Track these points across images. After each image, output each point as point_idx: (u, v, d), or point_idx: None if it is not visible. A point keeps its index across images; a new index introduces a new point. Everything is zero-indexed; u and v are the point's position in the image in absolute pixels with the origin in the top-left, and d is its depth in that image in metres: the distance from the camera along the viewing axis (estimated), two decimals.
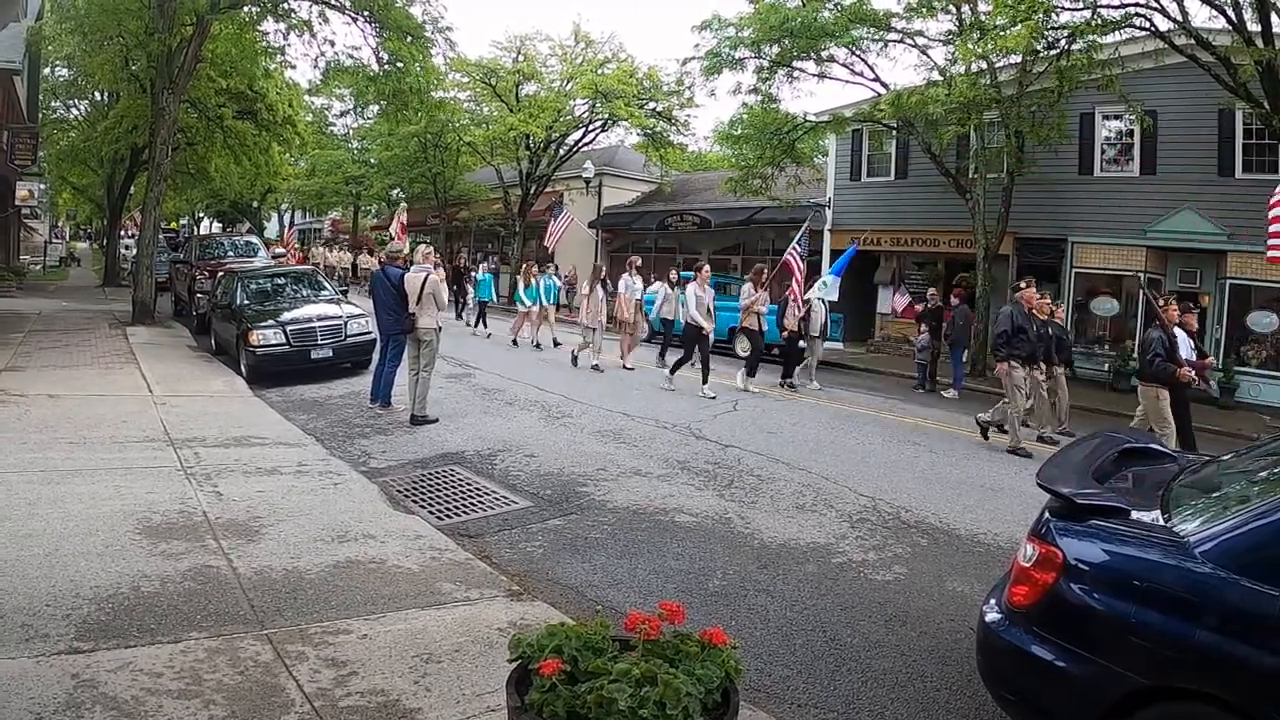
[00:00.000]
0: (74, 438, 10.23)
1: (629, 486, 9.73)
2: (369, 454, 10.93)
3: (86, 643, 5.15)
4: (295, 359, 15.87)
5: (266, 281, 18.95)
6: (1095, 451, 5.44)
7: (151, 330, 21.28)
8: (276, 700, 4.66)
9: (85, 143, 34.21)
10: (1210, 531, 4.07)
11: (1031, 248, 24.47)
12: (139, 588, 6.00)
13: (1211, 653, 3.84)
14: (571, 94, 37.19)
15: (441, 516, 8.51)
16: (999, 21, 18.36)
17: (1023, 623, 4.45)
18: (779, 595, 6.87)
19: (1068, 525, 4.41)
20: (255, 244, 28.66)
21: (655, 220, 36.70)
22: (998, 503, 9.77)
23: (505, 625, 5.76)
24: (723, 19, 25.07)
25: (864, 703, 5.35)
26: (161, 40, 21.72)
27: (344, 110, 50.69)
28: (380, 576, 6.58)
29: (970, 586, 7.12)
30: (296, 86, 36.01)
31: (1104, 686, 4.08)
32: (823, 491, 9.84)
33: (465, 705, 4.72)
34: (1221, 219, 20.57)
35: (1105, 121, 22.97)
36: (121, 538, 6.92)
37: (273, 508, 8.07)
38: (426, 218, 47.80)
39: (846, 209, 29.35)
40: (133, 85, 29.45)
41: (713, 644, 3.55)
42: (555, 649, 3.42)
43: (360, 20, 23.70)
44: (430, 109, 28.45)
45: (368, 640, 5.48)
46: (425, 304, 12.68)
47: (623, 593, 6.79)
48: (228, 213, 62.87)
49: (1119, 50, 19.58)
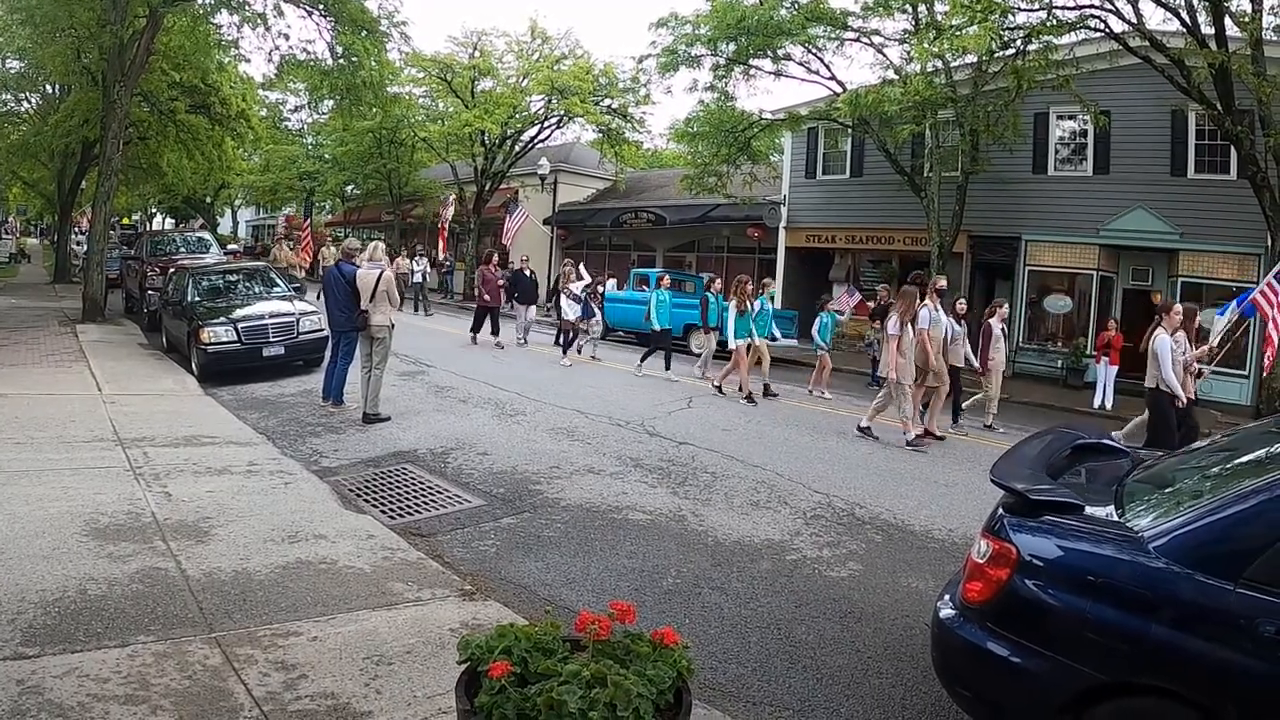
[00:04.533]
0: (20, 438, 10.04)
1: (582, 484, 9.69)
2: (320, 453, 10.81)
3: (32, 648, 5.04)
4: (247, 357, 15.67)
5: (218, 278, 18.72)
6: (1049, 447, 5.47)
7: (102, 328, 20.99)
8: (225, 705, 4.58)
9: (36, 137, 33.67)
10: (1164, 527, 4.11)
11: (985, 245, 24.74)
12: (86, 591, 5.88)
13: (1166, 647, 3.87)
14: (527, 90, 37.12)
15: (393, 516, 8.42)
16: (955, 22, 18.51)
17: (977, 619, 4.46)
18: (733, 593, 6.86)
19: (1022, 521, 4.42)
20: (208, 240, 28.31)
21: (610, 217, 36.80)
22: (952, 499, 9.83)
23: (457, 625, 5.71)
24: (680, 16, 25.22)
25: (819, 700, 5.34)
26: (114, 32, 21.44)
27: (298, 105, 50.22)
28: (331, 577, 6.50)
29: (925, 582, 7.15)
30: (250, 81, 35.78)
31: (1060, 682, 4.09)
32: (777, 488, 9.84)
33: (417, 707, 4.66)
34: (1173, 218, 20.90)
35: (1059, 121, 23.26)
36: (69, 540, 6.78)
37: (222, 508, 7.95)
38: (381, 214, 47.57)
39: (802, 207, 29.52)
40: (84, 78, 29.04)
41: (664, 644, 3.51)
42: (505, 650, 3.38)
43: (315, 14, 23.55)
44: (385, 104, 28.38)
45: (318, 642, 5.40)
46: (379, 301, 12.58)
47: (576, 591, 6.74)
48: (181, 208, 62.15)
49: (1074, 51, 19.82)
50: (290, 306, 16.94)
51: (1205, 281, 21.02)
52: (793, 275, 29.90)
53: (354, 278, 12.80)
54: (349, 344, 13.19)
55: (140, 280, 24.71)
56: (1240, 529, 3.92)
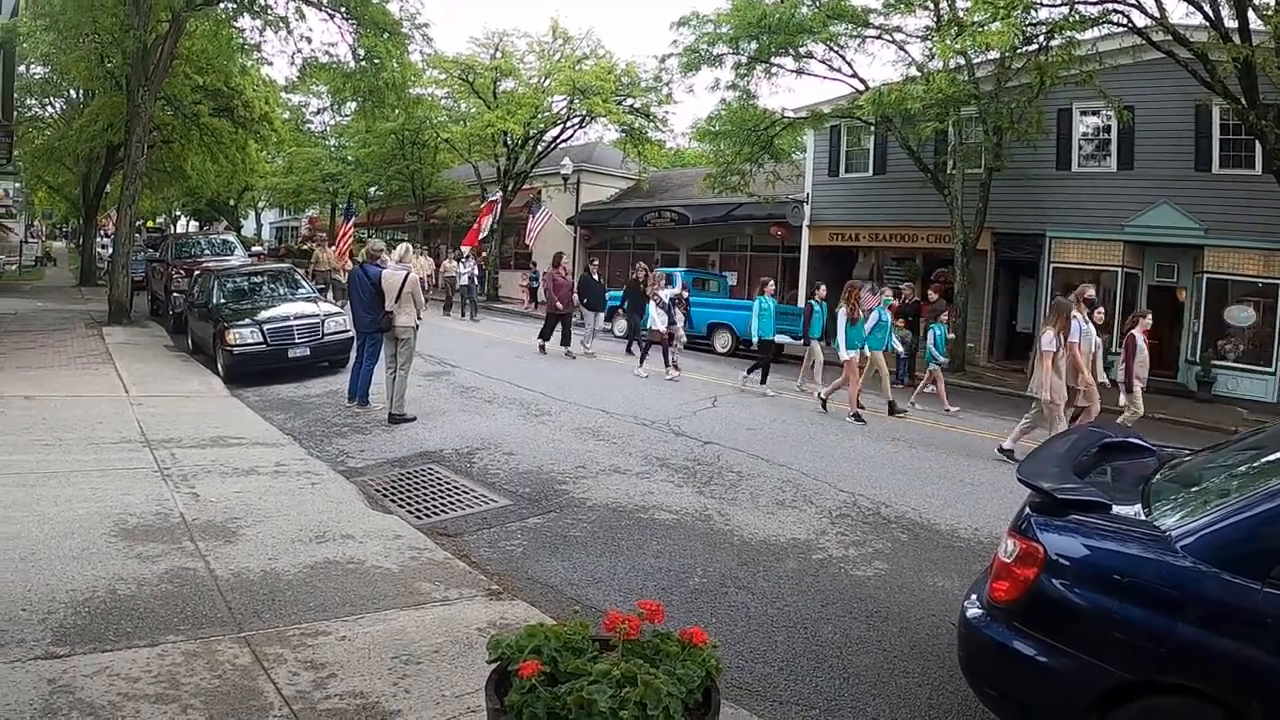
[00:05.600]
0: (49, 440, 10.13)
1: (608, 484, 9.69)
2: (347, 453, 10.87)
3: (63, 647, 5.08)
4: (272, 358, 15.76)
5: (243, 280, 18.84)
6: (1076, 446, 5.45)
7: (128, 330, 21.13)
8: (255, 704, 4.61)
9: (61, 141, 33.87)
10: (1191, 526, 4.08)
11: (1009, 243, 24.62)
12: (116, 591, 5.93)
13: (1193, 646, 3.85)
14: (549, 90, 37.09)
15: (420, 516, 8.46)
16: (978, 18, 18.42)
17: (1004, 618, 4.45)
18: (759, 592, 6.86)
19: (1049, 520, 4.40)
20: (232, 242, 28.50)
21: (633, 217, 36.77)
22: (978, 498, 9.80)
23: (485, 625, 5.73)
24: (701, 15, 25.18)
25: (846, 699, 5.34)
26: (137, 37, 21.57)
27: (321, 107, 50.40)
28: (359, 577, 6.53)
29: (951, 582, 7.13)
30: (273, 83, 35.83)
31: (1086, 681, 4.08)
32: (802, 487, 9.83)
33: (445, 706, 4.69)
34: (1198, 214, 20.73)
35: (1083, 117, 23.11)
36: (98, 540, 6.84)
37: (250, 509, 8.01)
38: (404, 215, 47.71)
39: (825, 205, 29.42)
40: (108, 83, 29.22)
41: (693, 643, 3.52)
42: (534, 650, 3.39)
43: (337, 16, 23.62)
44: (408, 106, 28.44)
45: (346, 642, 5.43)
46: (404, 303, 12.62)
47: (603, 591, 6.76)
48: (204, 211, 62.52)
49: (1097, 46, 19.72)
50: (315, 308, 17.04)
51: (1231, 278, 20.86)
52: (816, 274, 29.77)
53: (379, 279, 12.85)
54: (374, 345, 13.24)
55: (165, 282, 24.88)
56: (1267, 528, 3.90)
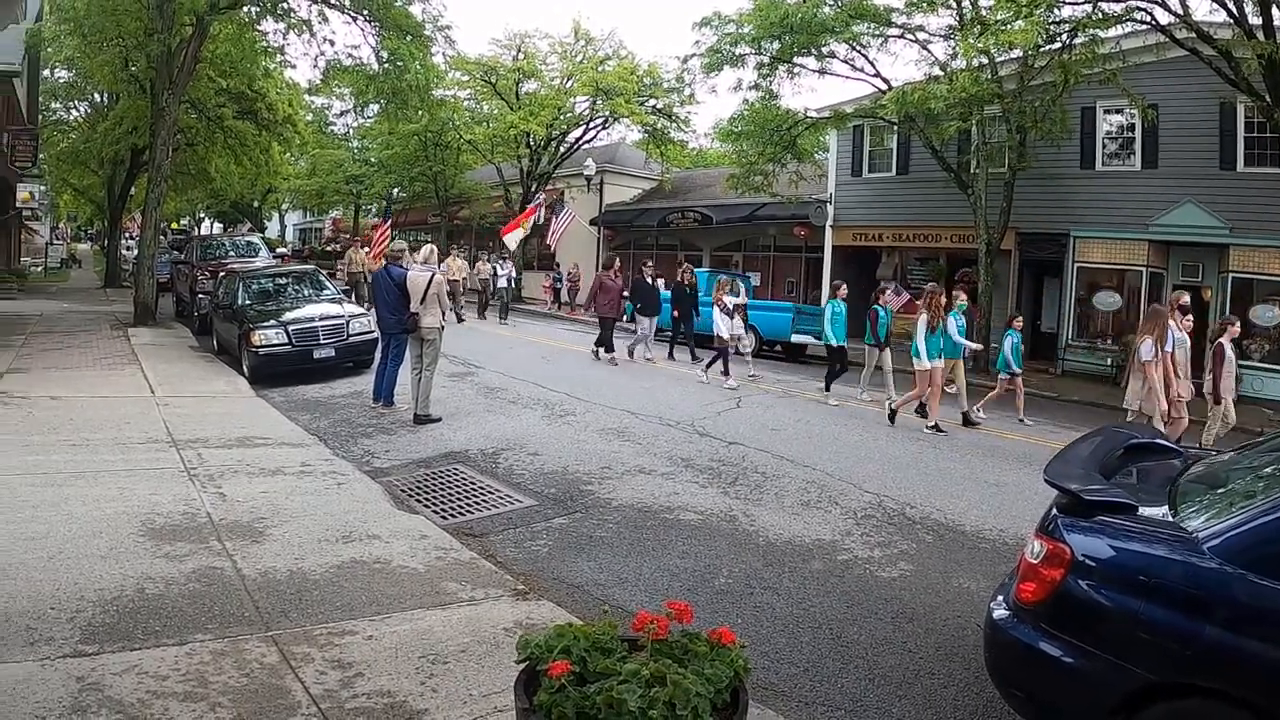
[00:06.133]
0: (77, 440, 10.21)
1: (633, 484, 9.71)
2: (372, 454, 10.92)
3: (91, 645, 5.12)
4: (297, 359, 15.86)
5: (268, 281, 18.97)
6: (1101, 447, 5.43)
7: (153, 331, 21.27)
8: (283, 702, 4.64)
9: (85, 144, 34.25)
10: (1218, 527, 4.06)
11: (1033, 242, 24.50)
12: (143, 590, 5.98)
13: (1219, 648, 3.83)
14: (572, 91, 37.22)
15: (446, 516, 8.49)
16: (1000, 16, 18.37)
17: (1030, 619, 4.44)
18: (785, 593, 6.86)
19: (1075, 521, 4.39)
20: (256, 244, 28.67)
21: (656, 217, 36.74)
22: (1003, 498, 9.76)
23: (511, 625, 5.75)
24: (723, 16, 25.17)
25: (871, 701, 5.34)
26: (161, 41, 21.74)
27: (344, 109, 50.75)
28: (385, 577, 6.56)
29: (977, 583, 7.11)
30: (296, 86, 36.09)
31: (1112, 683, 4.07)
32: (827, 488, 9.82)
33: (472, 706, 4.70)
34: (1223, 213, 20.59)
35: (1107, 115, 22.99)
36: (125, 540, 6.90)
37: (276, 508, 8.05)
38: (427, 216, 47.86)
39: (848, 205, 29.37)
40: (132, 86, 29.52)
41: (721, 643, 3.53)
42: (564, 650, 3.40)
43: (359, 19, 23.71)
44: (431, 107, 28.48)
45: (374, 641, 5.46)
46: (429, 304, 12.67)
47: (629, 591, 6.77)
48: (229, 213, 62.90)
49: (1120, 44, 19.61)
50: (340, 309, 17.13)
51: (1256, 277, 20.69)
52: (839, 274, 29.72)
53: (402, 280, 12.91)
54: (399, 346, 13.29)
55: (190, 284, 25.04)
56: None
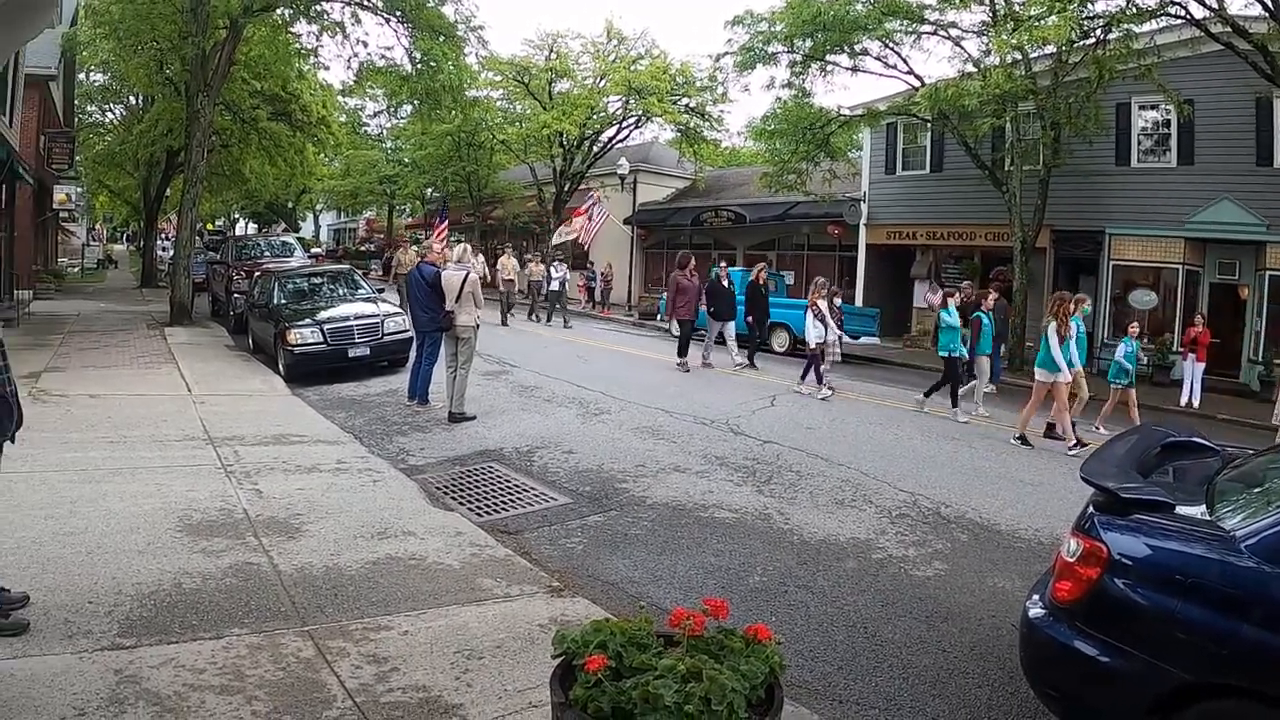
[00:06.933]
0: (114, 437, 10.34)
1: (668, 482, 9.71)
2: (407, 451, 10.99)
3: (129, 639, 5.19)
4: (333, 357, 15.97)
5: (303, 281, 19.13)
6: (1138, 445, 5.39)
7: (189, 330, 21.47)
8: (318, 696, 4.68)
9: (121, 146, 34.60)
10: (1255, 526, 4.02)
11: (1068, 240, 24.33)
12: (181, 584, 6.05)
13: (1257, 648, 3.79)
14: (604, 91, 37.29)
15: (481, 513, 8.53)
16: (1034, 12, 18.26)
17: (1066, 619, 4.41)
18: (819, 591, 6.84)
19: (1112, 520, 4.36)
20: (291, 244, 28.90)
21: (690, 216, 36.78)
22: (1038, 497, 9.69)
23: (546, 621, 5.77)
24: (755, 14, 25.07)
25: (905, 700, 5.32)
26: (195, 44, 21.94)
27: (377, 110, 51.16)
28: (420, 573, 6.61)
29: (1012, 582, 7.07)
30: (330, 87, 36.28)
31: (1148, 683, 4.04)
32: (862, 487, 9.78)
33: (507, 701, 4.73)
34: (1261, 209, 20.34)
35: (1142, 112, 22.77)
36: (163, 535, 6.98)
37: (312, 505, 8.12)
38: (461, 216, 48.09)
39: (882, 203, 29.27)
40: (167, 89, 29.81)
41: (757, 640, 3.53)
42: (600, 645, 3.42)
43: (392, 20, 23.84)
44: (464, 107, 28.59)
45: (409, 636, 5.50)
46: (464, 302, 12.72)
47: (663, 589, 6.78)
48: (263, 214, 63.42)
49: (1155, 39, 19.40)
50: (375, 308, 17.22)
51: None
52: (873, 273, 29.69)
53: (435, 279, 12.97)
54: (433, 344, 13.37)
55: (226, 284, 25.28)
56: None
